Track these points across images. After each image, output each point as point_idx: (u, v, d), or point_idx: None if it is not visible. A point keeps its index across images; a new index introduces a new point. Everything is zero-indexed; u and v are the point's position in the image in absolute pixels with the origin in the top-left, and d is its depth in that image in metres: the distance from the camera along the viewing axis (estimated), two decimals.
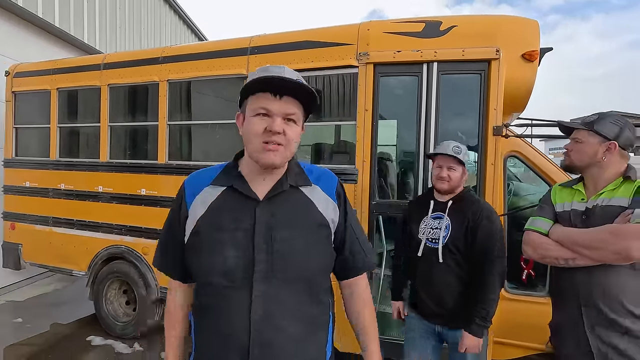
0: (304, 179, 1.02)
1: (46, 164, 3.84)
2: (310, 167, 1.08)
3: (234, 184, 0.97)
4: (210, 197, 0.97)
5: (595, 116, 1.49)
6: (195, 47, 3.45)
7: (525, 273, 2.54)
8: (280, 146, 0.90)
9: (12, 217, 4.07)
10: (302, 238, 0.95)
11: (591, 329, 1.41)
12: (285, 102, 0.90)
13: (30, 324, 3.83)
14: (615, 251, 1.31)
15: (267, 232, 0.92)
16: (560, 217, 1.54)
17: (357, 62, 2.61)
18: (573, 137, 1.52)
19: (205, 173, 1.04)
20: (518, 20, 2.53)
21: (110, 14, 7.20)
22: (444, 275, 1.79)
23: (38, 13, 5.21)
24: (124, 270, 3.42)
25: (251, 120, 0.91)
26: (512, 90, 2.45)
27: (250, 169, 0.98)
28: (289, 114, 0.91)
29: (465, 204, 1.83)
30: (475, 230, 1.74)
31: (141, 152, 3.54)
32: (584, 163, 1.48)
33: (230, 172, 1.00)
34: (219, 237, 0.93)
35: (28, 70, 4.00)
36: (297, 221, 0.96)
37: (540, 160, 2.65)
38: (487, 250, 1.73)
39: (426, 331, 1.90)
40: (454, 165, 1.81)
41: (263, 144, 0.89)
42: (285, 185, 0.97)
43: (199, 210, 0.97)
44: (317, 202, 1.00)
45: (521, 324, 2.45)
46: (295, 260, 0.93)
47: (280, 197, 0.96)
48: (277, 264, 0.90)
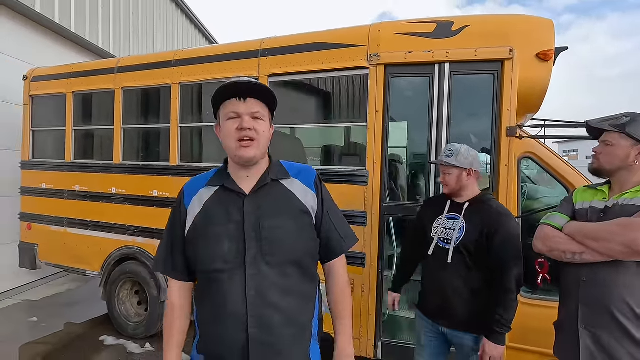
0: (283, 172, 1.16)
1: (62, 165, 3.92)
2: (291, 164, 1.22)
3: (224, 183, 1.12)
4: (205, 197, 1.13)
5: (627, 118, 1.44)
6: (207, 50, 3.48)
7: (540, 277, 2.49)
8: (252, 141, 1.06)
9: (28, 218, 4.16)
10: (287, 225, 1.09)
11: (584, 326, 1.42)
12: (250, 103, 1.06)
13: (45, 323, 3.90)
14: (623, 243, 1.28)
15: (256, 221, 1.06)
16: (578, 214, 1.53)
17: (367, 64, 2.60)
18: (603, 139, 1.47)
19: (202, 177, 1.20)
20: (532, 19, 2.48)
21: (124, 20, 7.35)
22: (451, 276, 1.78)
23: (55, 19, 5.35)
24: (136, 271, 3.46)
25: (225, 125, 1.08)
26: (526, 91, 2.41)
27: (235, 168, 1.13)
28: (255, 112, 1.07)
29: (483, 207, 1.79)
30: (492, 235, 1.71)
31: (153, 154, 3.59)
32: (614, 166, 1.44)
33: (221, 173, 1.16)
34: (214, 230, 1.07)
35: (45, 75, 4.10)
36: (280, 210, 1.10)
37: (555, 162, 2.59)
38: (505, 254, 1.69)
39: (432, 331, 1.90)
40: (447, 169, 1.85)
41: (238, 142, 1.05)
42: (267, 179, 1.12)
43: (196, 208, 1.12)
44: (296, 192, 1.14)
45: (536, 329, 2.39)
46: (282, 245, 1.07)
47: (264, 190, 1.11)
48: (266, 249, 1.05)
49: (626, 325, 1.34)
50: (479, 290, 1.74)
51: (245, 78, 1.08)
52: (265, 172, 1.14)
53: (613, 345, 1.36)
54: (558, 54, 2.51)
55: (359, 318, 2.60)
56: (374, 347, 2.60)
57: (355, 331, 2.62)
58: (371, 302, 2.60)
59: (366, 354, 2.61)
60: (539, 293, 2.51)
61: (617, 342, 1.35)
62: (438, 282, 1.82)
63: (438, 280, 1.82)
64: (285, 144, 3.25)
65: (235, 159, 1.09)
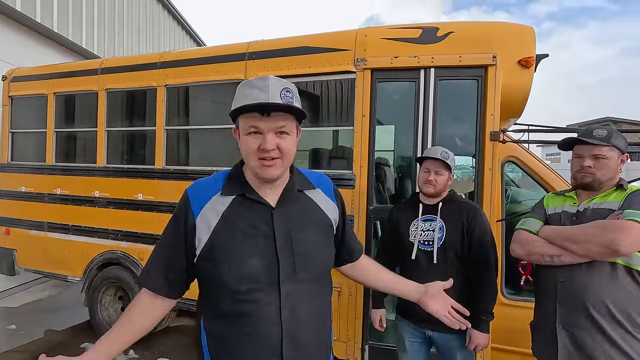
0: (307, 183, 1.10)
1: (42, 168, 3.82)
2: (309, 173, 1.15)
3: (245, 192, 1.00)
4: (221, 207, 0.99)
5: (603, 132, 1.50)
6: (194, 52, 3.45)
7: (523, 279, 2.54)
8: (276, 160, 0.94)
9: (6, 222, 4.03)
10: (315, 237, 1.04)
11: (561, 326, 1.47)
12: (273, 118, 0.92)
13: (24, 330, 3.78)
14: (601, 244, 1.33)
15: (287, 235, 0.98)
16: (551, 218, 1.59)
17: (354, 68, 2.62)
18: (594, 154, 1.49)
19: (209, 182, 1.05)
20: (514, 27, 2.55)
21: (108, 20, 7.22)
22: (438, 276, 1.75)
23: (36, 18, 5.22)
24: (120, 276, 3.38)
25: (245, 140, 0.94)
26: (508, 96, 2.47)
27: (255, 179, 1.01)
28: (280, 127, 0.93)
29: (456, 205, 1.87)
30: (472, 230, 1.79)
31: (138, 157, 3.52)
32: (609, 177, 1.49)
33: (236, 180, 1.03)
34: (240, 245, 0.95)
35: (25, 75, 3.99)
36: (308, 222, 1.04)
37: (537, 166, 2.66)
38: (485, 245, 1.79)
39: (415, 335, 1.91)
40: (441, 169, 1.85)
41: (260, 160, 0.93)
42: (294, 190, 1.05)
43: (212, 220, 0.97)
44: (320, 204, 1.10)
45: (519, 330, 2.42)
46: (313, 258, 1.01)
47: (291, 201, 1.03)
48: (300, 263, 0.97)
49: (602, 324, 1.38)
50: (462, 287, 1.78)
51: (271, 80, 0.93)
52: (290, 181, 1.05)
53: (590, 344, 1.40)
54: (539, 61, 2.59)
55: (347, 322, 2.61)
56: (361, 351, 2.61)
57: (342, 334, 2.62)
58: (358, 306, 2.60)
59: (353, 358, 2.61)
60: (522, 294, 2.56)
61: (594, 341, 1.39)
62: None
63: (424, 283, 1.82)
64: None
65: (257, 177, 0.97)
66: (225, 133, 3.17)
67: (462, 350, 1.81)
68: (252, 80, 0.95)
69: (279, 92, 0.92)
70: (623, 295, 1.37)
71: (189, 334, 3.82)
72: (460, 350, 1.81)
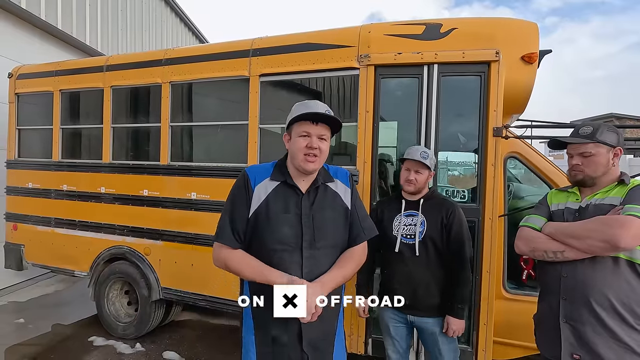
0: (329, 177, 1.47)
1: (49, 165, 3.86)
2: (329, 167, 1.51)
3: (287, 180, 1.39)
4: (269, 188, 1.39)
5: (588, 129, 1.54)
6: (198, 49, 3.47)
7: (525, 273, 2.56)
8: (316, 157, 1.34)
9: (14, 218, 4.09)
10: (332, 217, 1.41)
11: (564, 320, 1.49)
12: (320, 127, 1.34)
13: (32, 324, 3.85)
14: (603, 239, 1.36)
15: (309, 214, 1.37)
16: (554, 214, 1.62)
17: (358, 64, 2.63)
18: (581, 152, 1.53)
19: (263, 167, 1.45)
20: (517, 22, 2.55)
21: (112, 17, 7.24)
22: (420, 268, 1.96)
23: (41, 15, 5.25)
24: (126, 271, 3.43)
25: (297, 140, 1.35)
26: (511, 92, 2.48)
27: (295, 171, 1.40)
28: (322, 135, 1.35)
29: (436, 201, 2.03)
30: (450, 224, 1.95)
31: (143, 154, 3.56)
32: (599, 173, 1.51)
33: (282, 170, 1.42)
34: (276, 218, 1.35)
35: (31, 72, 4.03)
36: (327, 206, 1.42)
37: (540, 162, 2.67)
38: (461, 237, 1.95)
39: (398, 321, 2.05)
40: (420, 169, 1.99)
41: (304, 156, 1.33)
42: (318, 182, 1.42)
43: (261, 195, 1.37)
44: (339, 192, 1.46)
45: (522, 324, 2.45)
46: (329, 232, 1.39)
47: (315, 191, 1.41)
48: (317, 235, 1.36)
49: (605, 318, 1.40)
50: (441, 276, 1.96)
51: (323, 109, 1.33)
52: (317, 176, 1.42)
53: (593, 338, 1.42)
54: (542, 57, 2.59)
55: (350, 315, 2.64)
56: (364, 344, 2.64)
57: (346, 328, 2.65)
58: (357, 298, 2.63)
59: (357, 351, 2.65)
60: (524, 289, 2.59)
61: (597, 335, 1.42)
62: (407, 276, 1.96)
63: (407, 274, 1.96)
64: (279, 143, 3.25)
65: (300, 168, 1.36)
66: (229, 129, 3.20)
67: (443, 334, 1.95)
68: (307, 101, 1.38)
69: (324, 109, 1.34)
70: (626, 289, 1.39)
71: (195, 328, 3.87)
72: (442, 334, 1.96)
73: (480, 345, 2.41)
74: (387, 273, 2.08)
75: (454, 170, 2.86)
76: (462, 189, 2.66)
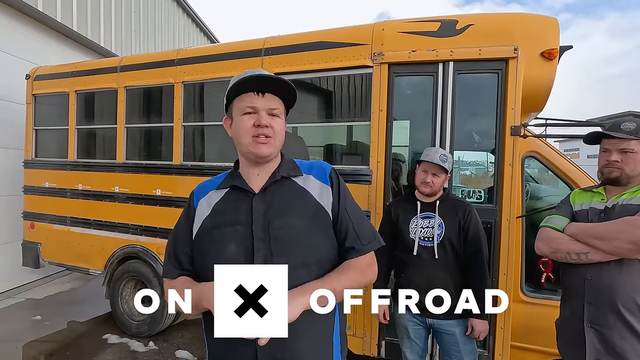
0: (294, 169, 1.09)
1: (64, 164, 3.92)
2: (302, 162, 1.14)
3: (234, 183, 1.06)
4: (214, 199, 1.07)
5: (632, 124, 1.46)
6: (210, 48, 3.48)
7: (544, 276, 2.49)
8: (269, 138, 1.00)
9: (31, 216, 4.17)
10: (299, 223, 1.00)
11: (589, 324, 1.44)
12: (267, 99, 1.00)
13: (49, 321, 3.92)
14: (630, 241, 1.30)
15: (264, 221, 0.99)
16: (577, 215, 1.56)
17: (371, 62, 2.59)
18: (622, 147, 1.46)
19: (211, 180, 1.15)
20: (537, 18, 2.48)
21: (125, 18, 7.34)
22: (439, 270, 1.92)
23: (57, 18, 5.34)
24: (139, 270, 3.46)
25: (240, 119, 1.00)
26: (530, 90, 2.41)
27: (245, 166, 1.07)
28: (273, 109, 1.01)
29: (452, 203, 1.99)
30: (468, 225, 1.93)
31: (156, 153, 3.59)
32: (637, 172, 1.45)
33: (232, 174, 1.11)
34: (221, 233, 1.00)
35: (47, 73, 4.10)
36: (292, 208, 1.02)
37: (559, 161, 2.59)
38: (479, 238, 1.93)
39: (417, 324, 2.02)
40: (438, 172, 1.94)
41: (253, 137, 0.99)
42: (277, 176, 1.05)
43: (205, 211, 1.06)
44: (311, 190, 1.06)
45: (540, 328, 2.39)
46: (296, 244, 0.97)
47: (274, 187, 1.04)
48: (277, 249, 0.95)
49: (633, 322, 1.34)
50: (459, 278, 1.92)
51: (264, 72, 0.99)
52: (276, 169, 1.06)
53: (619, 343, 1.36)
54: (562, 53, 2.51)
55: (363, 317, 2.60)
56: (377, 346, 2.60)
57: (359, 330, 2.62)
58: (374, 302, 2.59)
59: (370, 353, 2.61)
60: (543, 292, 2.51)
61: (624, 340, 1.36)
62: (427, 279, 1.89)
63: (427, 277, 1.91)
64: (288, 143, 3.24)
65: (249, 155, 1.02)
66: None
67: (463, 335, 1.93)
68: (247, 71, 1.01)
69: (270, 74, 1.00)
70: None
71: None
72: (462, 335, 1.93)
73: (497, 350, 2.35)
74: (405, 276, 2.03)
75: (470, 170, 2.80)
76: (478, 189, 2.60)
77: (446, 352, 2.00)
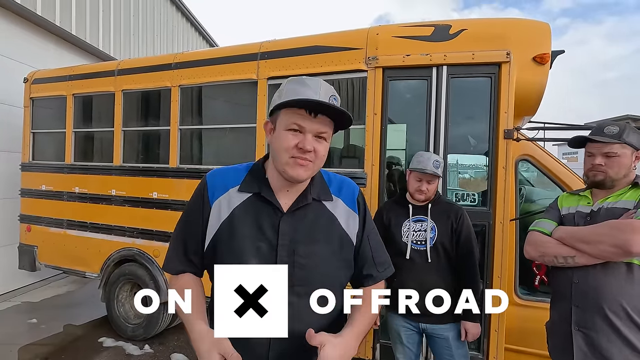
0: (326, 192, 1.02)
1: (61, 167, 3.93)
2: (330, 177, 1.07)
3: (261, 191, 0.97)
4: (235, 201, 0.97)
5: (615, 128, 1.47)
6: (207, 53, 3.50)
7: (538, 279, 2.50)
8: (309, 162, 0.91)
9: (28, 219, 4.17)
10: (323, 253, 0.96)
11: (577, 327, 1.45)
12: (319, 121, 0.90)
13: (45, 324, 3.91)
14: (614, 244, 1.31)
15: (290, 246, 0.93)
16: (564, 218, 1.58)
17: (366, 66, 2.62)
18: (605, 151, 1.47)
19: (231, 173, 1.02)
20: (529, 23, 2.51)
21: (124, 22, 7.37)
22: (432, 274, 1.91)
23: (55, 21, 5.37)
24: (136, 273, 3.46)
25: (283, 135, 0.91)
26: (523, 94, 2.43)
27: (275, 178, 0.97)
28: (322, 132, 0.91)
29: (444, 206, 2.00)
30: (460, 228, 1.93)
31: (153, 156, 3.60)
32: (622, 175, 1.47)
33: (257, 176, 1.00)
34: (241, 245, 0.93)
35: (45, 77, 4.11)
36: (319, 236, 0.97)
37: (553, 164, 2.61)
38: (470, 241, 1.93)
39: (410, 329, 2.01)
40: (432, 179, 1.95)
41: (292, 159, 0.90)
42: (308, 198, 0.98)
43: (224, 212, 0.96)
44: (339, 217, 1.01)
45: (534, 331, 2.39)
46: (318, 273, 0.95)
47: (303, 210, 0.97)
48: (298, 276, 0.92)
49: (619, 326, 1.35)
50: (451, 281, 1.92)
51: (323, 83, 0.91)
52: (307, 188, 0.99)
53: (606, 346, 1.37)
54: (554, 58, 2.53)
55: None
56: (372, 349, 2.61)
57: None
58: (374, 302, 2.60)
59: (365, 356, 2.61)
60: (537, 295, 2.52)
61: (610, 343, 1.37)
62: (420, 283, 1.86)
63: (419, 281, 1.89)
64: None
65: (284, 174, 0.93)
66: (238, 132, 3.21)
67: (456, 339, 1.94)
68: (304, 77, 0.93)
69: (328, 96, 0.90)
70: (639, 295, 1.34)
71: None
72: (455, 339, 1.94)
73: (491, 353, 2.35)
74: (398, 280, 2.01)
75: (464, 173, 2.82)
76: (472, 192, 2.62)
77: (439, 356, 2.01)
